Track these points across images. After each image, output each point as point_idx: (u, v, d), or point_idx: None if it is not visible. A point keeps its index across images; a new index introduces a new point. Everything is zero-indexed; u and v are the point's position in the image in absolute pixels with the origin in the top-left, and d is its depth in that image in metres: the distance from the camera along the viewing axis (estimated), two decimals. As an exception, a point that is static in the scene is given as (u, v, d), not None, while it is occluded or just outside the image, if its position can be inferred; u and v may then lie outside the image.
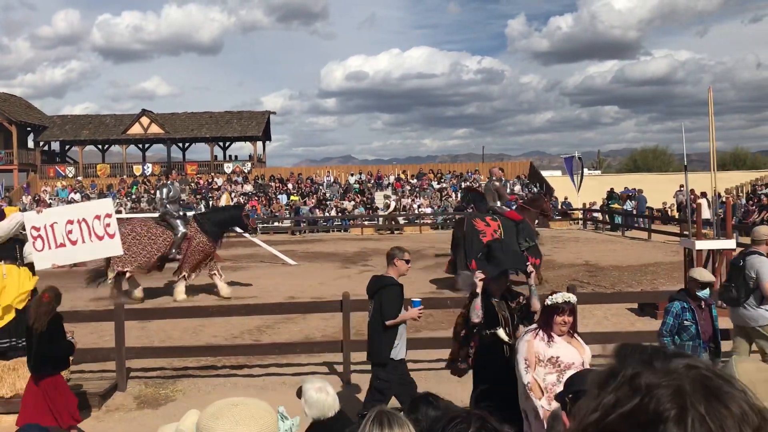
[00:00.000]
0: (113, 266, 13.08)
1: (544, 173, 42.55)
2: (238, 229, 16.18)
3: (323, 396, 3.63)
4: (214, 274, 13.82)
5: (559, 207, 32.06)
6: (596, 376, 1.08)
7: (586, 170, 36.65)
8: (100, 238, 7.72)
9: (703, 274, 5.93)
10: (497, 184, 14.49)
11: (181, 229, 13.59)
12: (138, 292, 13.45)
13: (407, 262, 6.07)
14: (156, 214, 15.21)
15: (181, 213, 14.05)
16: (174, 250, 13.52)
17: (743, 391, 0.99)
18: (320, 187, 36.70)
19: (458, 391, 7.38)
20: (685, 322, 5.72)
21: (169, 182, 14.68)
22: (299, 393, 3.78)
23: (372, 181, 37.51)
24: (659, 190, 30.44)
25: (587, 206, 31.22)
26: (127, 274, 13.41)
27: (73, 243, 7.56)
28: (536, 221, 14.85)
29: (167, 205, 13.86)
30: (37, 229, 7.44)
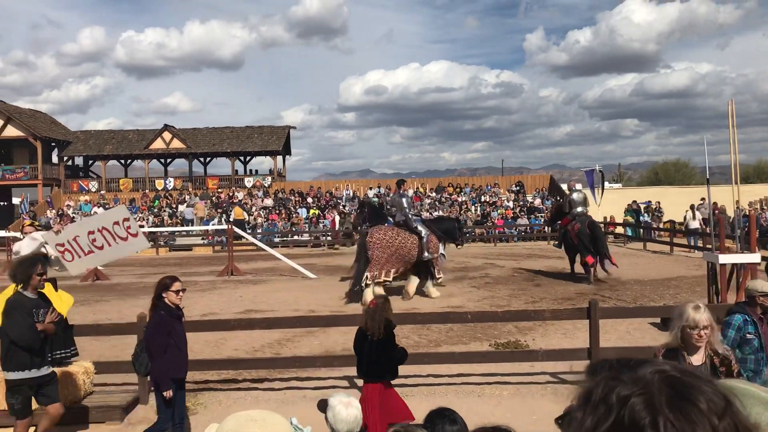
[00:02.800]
0: (369, 273, 13.83)
1: (564, 186, 42.31)
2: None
3: (353, 411, 3.63)
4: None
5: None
6: (575, 399, 1.10)
7: (606, 183, 36.40)
8: (125, 239, 7.85)
9: (765, 285, 5.74)
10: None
11: (425, 232, 14.44)
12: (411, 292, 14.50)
13: None
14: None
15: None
16: (426, 253, 14.30)
17: (709, 382, 1.01)
18: (339, 201, 36.80)
19: (478, 405, 7.36)
20: (747, 335, 5.53)
21: (402, 191, 15.75)
22: (321, 407, 3.78)
23: (391, 195, 37.53)
24: (681, 203, 30.14)
25: (608, 220, 31.00)
26: (383, 280, 13.99)
27: (100, 248, 7.70)
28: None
29: (408, 211, 14.93)
30: (62, 245, 7.56)
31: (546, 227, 29.86)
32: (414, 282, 14.68)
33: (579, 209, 16.98)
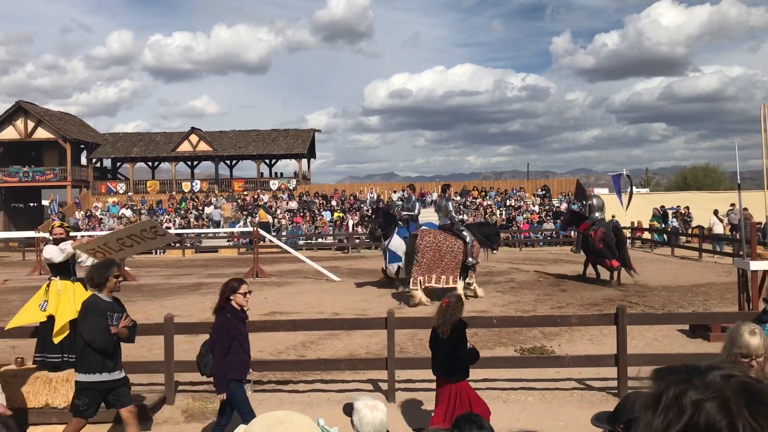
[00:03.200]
0: (420, 276, 14.01)
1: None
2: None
3: (378, 414, 3.62)
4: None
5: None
6: (643, 402, 1.11)
7: (634, 188, 36.00)
8: (153, 238, 7.99)
9: None
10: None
11: (469, 237, 14.69)
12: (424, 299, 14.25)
13: None
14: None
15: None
16: (470, 258, 14.53)
17: None
18: (363, 204, 36.84)
19: (503, 411, 7.30)
20: None
21: (447, 195, 16.16)
22: (347, 410, 3.77)
23: (414, 198, 37.49)
24: (709, 208, 29.69)
25: (635, 225, 30.67)
26: (424, 284, 14.12)
27: (130, 246, 7.86)
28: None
29: (454, 216, 15.31)
30: (92, 250, 7.67)
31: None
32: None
33: (597, 214, 17.38)
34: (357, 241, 31.08)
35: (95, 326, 5.76)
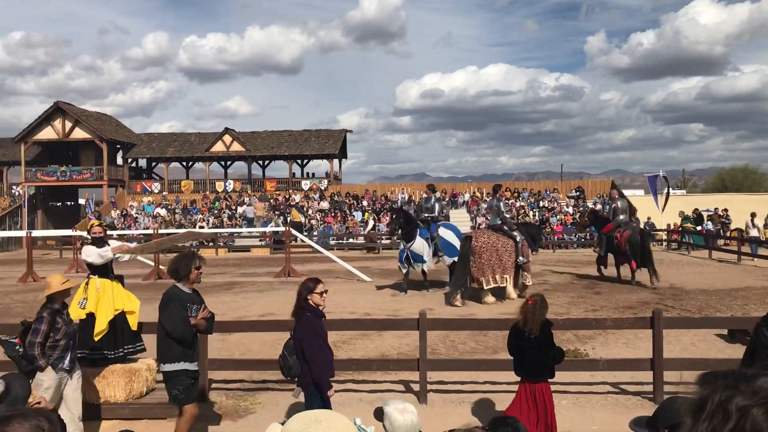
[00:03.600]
0: (483, 278, 14.33)
1: (626, 192, 41.36)
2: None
3: (409, 416, 3.60)
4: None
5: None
6: (689, 407, 1.10)
7: (671, 189, 35.45)
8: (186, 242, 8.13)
9: None
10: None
11: (519, 237, 15.04)
12: (489, 297, 14.60)
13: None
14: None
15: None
16: (521, 257, 14.90)
17: None
18: (394, 205, 36.84)
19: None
20: None
21: (498, 196, 16.60)
22: (378, 415, 3.75)
23: (447, 199, 37.40)
24: (747, 210, 29.08)
25: (672, 227, 30.15)
26: (486, 285, 14.43)
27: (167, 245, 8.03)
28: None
29: (506, 216, 15.57)
30: (133, 253, 7.84)
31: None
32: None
33: (622, 217, 17.55)
34: (388, 241, 31.09)
35: (176, 316, 5.79)
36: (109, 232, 8.99)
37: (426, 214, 16.77)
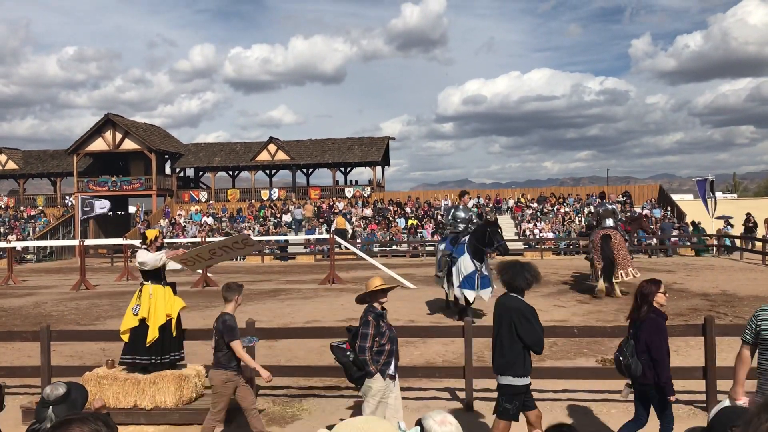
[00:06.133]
0: (623, 270, 15.71)
1: (675, 197, 40.48)
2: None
3: (448, 429, 3.57)
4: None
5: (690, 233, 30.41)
6: (747, 414, 1.15)
7: (719, 194, 34.56)
8: (242, 248, 8.30)
9: None
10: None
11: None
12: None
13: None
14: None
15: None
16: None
17: None
18: (437, 211, 36.77)
19: (584, 423, 7.12)
20: None
21: (610, 201, 18.21)
22: (420, 427, 3.74)
23: (490, 205, 37.15)
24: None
25: (721, 232, 29.37)
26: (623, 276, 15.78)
27: (220, 255, 8.16)
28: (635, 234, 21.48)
29: (620, 217, 17.08)
30: (185, 261, 7.98)
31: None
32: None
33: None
34: (432, 248, 31.04)
35: (538, 331, 5.68)
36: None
37: (457, 220, 14.44)
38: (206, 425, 6.54)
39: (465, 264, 12.86)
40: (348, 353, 5.99)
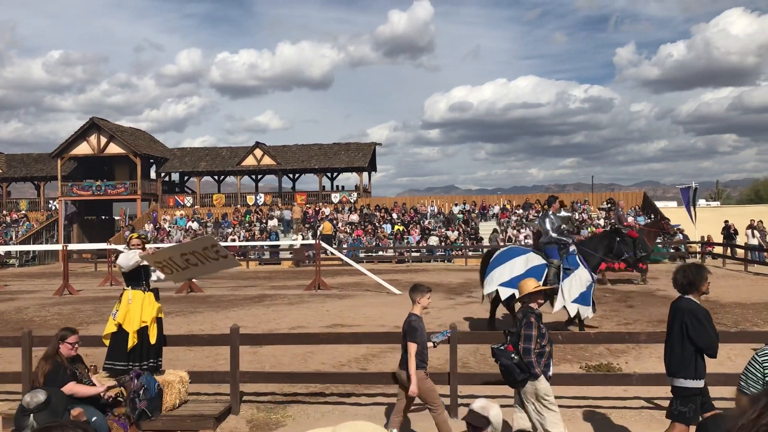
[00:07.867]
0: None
1: (659, 204, 40.78)
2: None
3: (478, 404, 3.84)
4: None
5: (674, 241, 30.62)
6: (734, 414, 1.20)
7: (703, 201, 34.84)
8: (216, 260, 8.01)
9: None
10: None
11: None
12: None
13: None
14: None
15: None
16: None
17: None
18: (423, 217, 36.81)
19: (568, 429, 7.13)
20: None
21: (618, 207, 18.69)
22: (475, 419, 3.92)
23: (476, 212, 37.25)
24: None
25: (706, 239, 29.59)
26: None
27: (195, 265, 7.90)
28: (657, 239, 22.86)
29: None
30: (159, 263, 7.86)
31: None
32: None
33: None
34: (418, 254, 31.06)
35: (713, 334, 5.61)
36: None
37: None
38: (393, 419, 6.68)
39: (582, 277, 12.06)
40: (512, 355, 5.91)
